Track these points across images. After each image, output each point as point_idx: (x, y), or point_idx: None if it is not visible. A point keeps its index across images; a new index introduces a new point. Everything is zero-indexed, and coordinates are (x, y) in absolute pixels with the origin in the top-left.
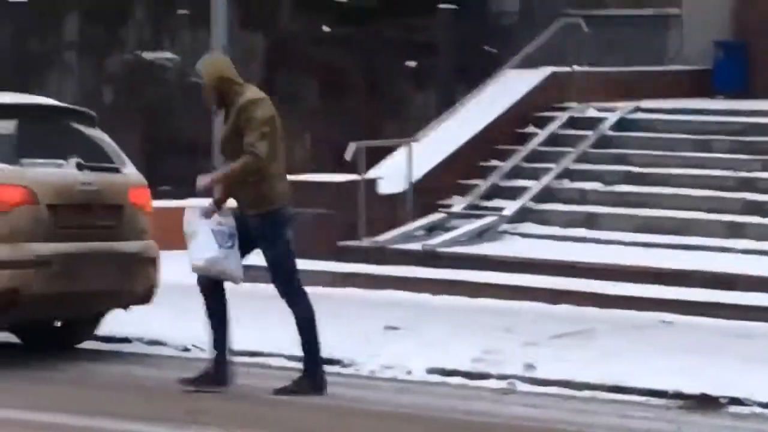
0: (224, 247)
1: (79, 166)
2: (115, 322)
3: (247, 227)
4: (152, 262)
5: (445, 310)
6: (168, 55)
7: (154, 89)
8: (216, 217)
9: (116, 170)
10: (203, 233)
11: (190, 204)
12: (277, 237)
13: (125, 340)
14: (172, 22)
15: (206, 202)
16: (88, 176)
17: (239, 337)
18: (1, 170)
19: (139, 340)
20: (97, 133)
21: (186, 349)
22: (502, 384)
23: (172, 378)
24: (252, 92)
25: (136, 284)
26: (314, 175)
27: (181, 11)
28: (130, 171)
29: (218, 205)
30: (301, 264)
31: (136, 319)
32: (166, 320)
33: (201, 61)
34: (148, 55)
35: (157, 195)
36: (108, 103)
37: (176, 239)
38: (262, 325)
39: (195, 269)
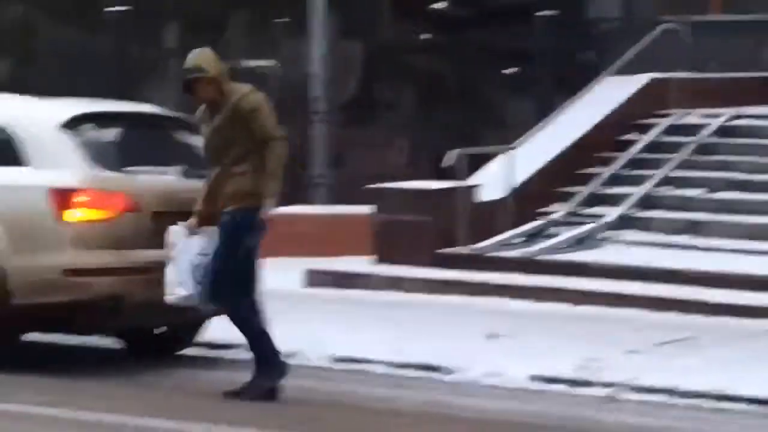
0: (202, 282)
1: (184, 173)
2: (216, 329)
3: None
4: None
5: (545, 317)
6: (267, 62)
7: None
8: (199, 242)
9: None
10: (183, 264)
11: (179, 225)
12: (230, 237)
13: (226, 346)
14: (271, 30)
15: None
16: (191, 184)
17: (340, 344)
18: (105, 178)
19: (240, 346)
20: (199, 141)
21: (289, 356)
22: (606, 392)
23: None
24: (239, 86)
25: None
26: (412, 182)
27: (280, 19)
28: None
29: (201, 218)
30: (400, 271)
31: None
32: (268, 327)
33: (199, 55)
34: (247, 63)
35: None
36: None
37: (278, 246)
38: (360, 331)
39: (168, 301)
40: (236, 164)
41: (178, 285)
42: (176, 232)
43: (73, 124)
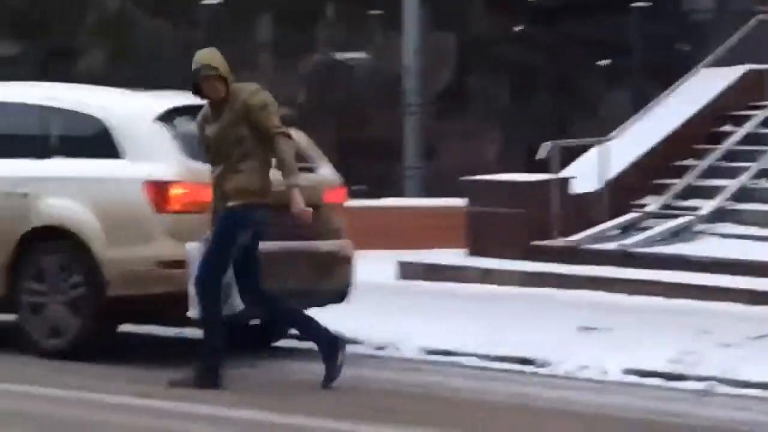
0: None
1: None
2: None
3: None
4: (348, 261)
5: (640, 310)
6: (360, 55)
7: (346, 89)
8: None
9: (312, 170)
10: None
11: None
12: (226, 232)
13: None
14: (364, 22)
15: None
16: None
17: (431, 336)
18: (199, 170)
19: None
20: (292, 133)
21: (380, 348)
22: (701, 386)
23: (367, 377)
24: (250, 84)
25: (331, 283)
26: (505, 174)
27: (373, 11)
28: (325, 171)
29: (213, 216)
30: (493, 263)
31: (331, 317)
32: (361, 319)
33: (209, 54)
34: (340, 56)
35: (350, 194)
36: (301, 102)
37: (370, 239)
38: (452, 324)
39: (191, 317)
40: (242, 161)
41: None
42: (192, 249)
43: (169, 116)
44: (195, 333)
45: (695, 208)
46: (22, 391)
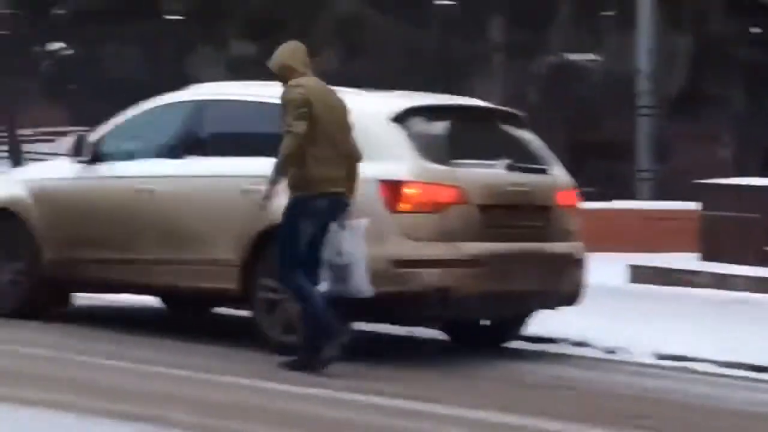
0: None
1: (509, 167)
2: (540, 323)
3: None
4: (579, 263)
5: None
6: (592, 56)
7: (578, 90)
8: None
9: (544, 171)
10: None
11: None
12: (291, 220)
13: (550, 340)
14: (597, 23)
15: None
16: (517, 177)
17: (664, 341)
18: (434, 170)
19: (564, 340)
20: (526, 134)
21: (611, 351)
22: None
23: (599, 380)
24: (301, 80)
25: (563, 285)
26: (740, 178)
27: (606, 12)
28: (557, 172)
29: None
30: (727, 268)
31: (561, 319)
32: (591, 322)
33: (277, 50)
34: (572, 57)
35: (580, 196)
36: (532, 103)
37: (601, 241)
38: (684, 329)
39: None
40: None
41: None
42: (360, 224)
43: (403, 117)
44: (424, 332)
45: None
46: (254, 386)
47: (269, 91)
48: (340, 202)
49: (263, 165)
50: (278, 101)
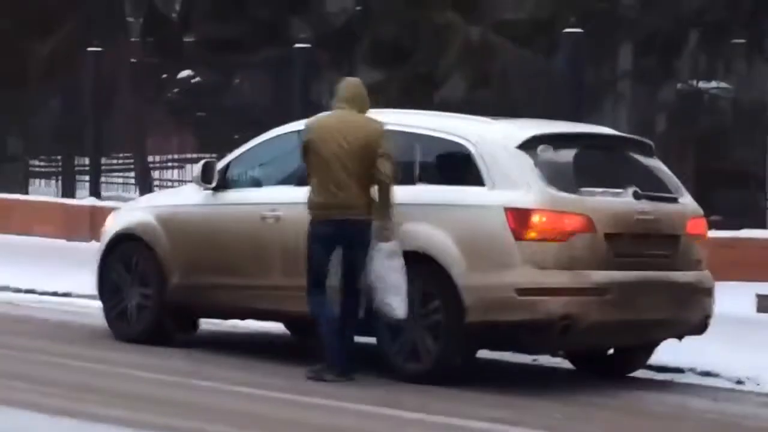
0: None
1: (636, 195)
2: (667, 352)
3: None
4: (708, 292)
5: None
6: (722, 84)
7: (707, 118)
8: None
9: (674, 200)
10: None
11: None
12: (307, 245)
13: (678, 370)
14: (727, 51)
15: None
16: (645, 205)
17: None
18: (561, 198)
19: (692, 370)
20: (654, 163)
21: (740, 382)
22: None
23: (729, 411)
24: (319, 115)
25: (691, 314)
26: None
27: (737, 40)
28: (686, 201)
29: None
30: None
31: (688, 349)
32: (719, 351)
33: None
34: (702, 85)
35: (708, 225)
36: (660, 131)
37: (729, 270)
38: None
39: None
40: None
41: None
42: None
43: (530, 144)
44: (549, 360)
45: None
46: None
47: (387, 119)
48: (351, 227)
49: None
50: (407, 130)
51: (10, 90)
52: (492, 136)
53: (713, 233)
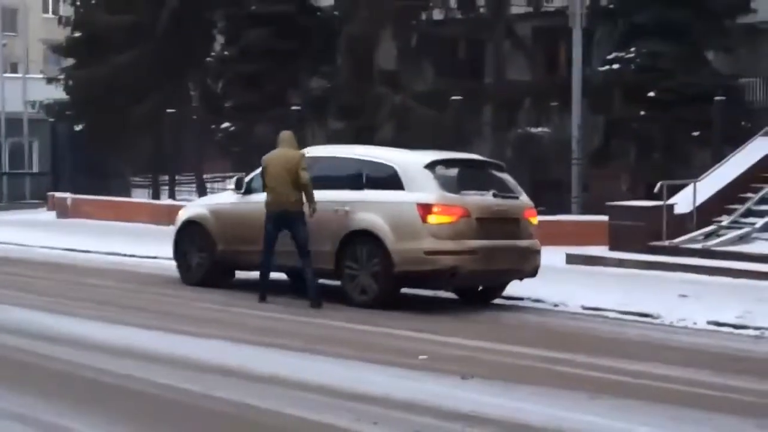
0: None
1: (495, 195)
2: (513, 288)
3: None
4: (537, 252)
5: (717, 286)
6: (545, 129)
7: (536, 150)
8: None
9: (516, 198)
10: None
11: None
12: (265, 224)
13: (519, 298)
14: (548, 109)
15: None
16: (500, 201)
17: (587, 299)
18: (450, 197)
19: (528, 298)
20: (505, 176)
21: (556, 305)
22: (756, 332)
23: (549, 322)
24: (271, 152)
25: (527, 265)
26: (634, 201)
27: (553, 103)
28: (524, 198)
29: None
30: (625, 255)
31: (526, 286)
32: (544, 287)
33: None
34: (532, 129)
35: (537, 212)
36: (508, 157)
37: (548, 239)
38: (599, 291)
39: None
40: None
41: None
42: None
43: (432, 165)
44: (444, 294)
45: (753, 223)
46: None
47: (346, 151)
48: (287, 215)
49: (348, 194)
50: (356, 157)
51: (119, 134)
52: (409, 160)
53: (540, 217)
